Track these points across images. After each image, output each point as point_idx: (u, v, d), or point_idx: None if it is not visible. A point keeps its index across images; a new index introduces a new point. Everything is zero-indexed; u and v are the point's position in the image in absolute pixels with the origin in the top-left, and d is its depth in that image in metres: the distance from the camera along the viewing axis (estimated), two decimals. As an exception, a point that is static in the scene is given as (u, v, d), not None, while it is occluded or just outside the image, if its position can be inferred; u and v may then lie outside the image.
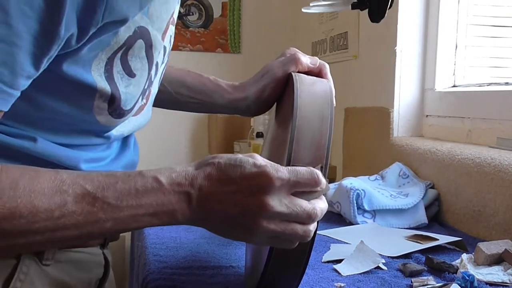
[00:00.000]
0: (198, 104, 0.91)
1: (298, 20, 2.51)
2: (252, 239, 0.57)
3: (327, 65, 0.78)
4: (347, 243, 1.01)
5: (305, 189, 0.57)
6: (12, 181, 0.51)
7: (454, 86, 1.47)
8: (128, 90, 0.63)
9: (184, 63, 2.46)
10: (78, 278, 0.71)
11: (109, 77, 0.60)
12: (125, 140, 0.76)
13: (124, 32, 0.58)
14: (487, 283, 0.79)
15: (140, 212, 0.54)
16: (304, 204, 0.56)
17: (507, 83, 1.30)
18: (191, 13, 2.55)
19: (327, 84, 0.70)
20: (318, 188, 0.57)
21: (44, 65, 0.53)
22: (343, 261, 0.87)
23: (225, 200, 0.55)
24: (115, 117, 0.65)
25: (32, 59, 0.51)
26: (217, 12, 2.57)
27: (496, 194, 1.05)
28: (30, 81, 0.53)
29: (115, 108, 0.63)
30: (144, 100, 0.74)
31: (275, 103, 0.84)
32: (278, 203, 0.55)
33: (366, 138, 1.69)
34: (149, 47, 0.63)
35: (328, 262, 0.89)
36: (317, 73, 0.77)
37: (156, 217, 0.55)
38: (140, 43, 0.61)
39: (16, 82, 0.51)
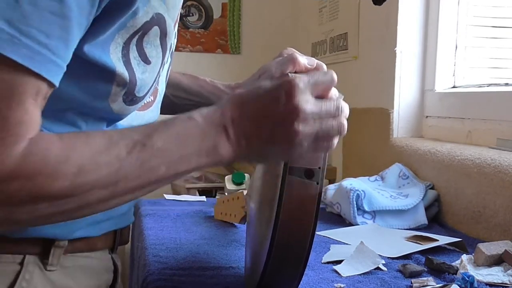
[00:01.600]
0: (195, 106, 0.89)
1: (298, 21, 2.51)
2: (294, 150, 0.56)
3: (324, 66, 0.78)
4: (347, 244, 1.01)
5: (325, 87, 0.58)
6: (71, 143, 0.51)
7: (454, 87, 1.47)
8: (143, 77, 0.64)
9: (184, 64, 2.46)
10: (86, 284, 0.70)
11: (127, 62, 0.61)
12: None
13: (142, 16, 0.59)
14: (487, 283, 0.79)
15: (187, 152, 0.55)
16: (329, 100, 0.57)
17: (507, 84, 1.30)
18: (191, 14, 2.55)
19: None
20: (335, 91, 0.59)
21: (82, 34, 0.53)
22: (343, 262, 0.87)
23: (259, 118, 0.55)
24: (128, 104, 0.65)
25: (81, 30, 0.52)
26: (217, 13, 2.58)
27: (496, 195, 1.05)
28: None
29: (129, 93, 0.63)
30: (152, 97, 0.74)
31: None
32: (308, 103, 0.55)
33: (366, 139, 1.69)
34: (163, 36, 0.64)
35: (328, 263, 0.89)
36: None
37: (202, 155, 0.55)
38: (155, 30, 0.62)
39: (68, 55, 0.51)
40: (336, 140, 0.58)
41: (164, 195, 1.48)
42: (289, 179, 0.60)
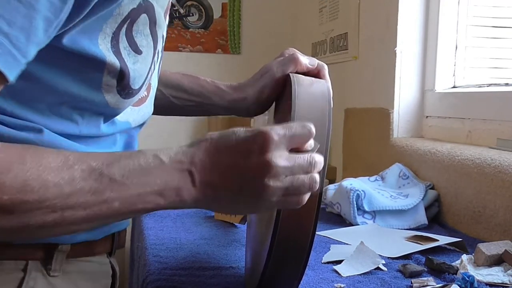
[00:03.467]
0: (196, 107, 0.90)
1: (298, 21, 2.51)
2: (262, 205, 0.55)
3: (325, 66, 0.78)
4: (347, 244, 1.01)
5: (301, 140, 0.56)
6: (18, 154, 0.48)
7: (454, 87, 1.47)
8: (136, 67, 0.62)
9: (184, 64, 2.46)
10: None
11: (117, 52, 0.59)
12: (128, 140, 0.75)
13: (128, 4, 0.58)
14: (487, 284, 0.79)
15: (146, 190, 0.52)
16: (302, 155, 0.55)
17: (507, 84, 1.30)
18: (191, 14, 2.55)
19: (325, 85, 0.69)
20: (311, 142, 0.57)
21: (52, 32, 0.51)
22: (343, 262, 0.87)
23: (228, 170, 0.53)
24: (124, 97, 0.64)
25: (46, 24, 0.49)
26: (217, 13, 2.58)
27: (496, 195, 1.05)
28: (37, 51, 0.51)
29: (124, 86, 0.62)
30: (145, 92, 0.74)
31: (274, 103, 0.84)
32: (281, 159, 0.53)
33: (366, 139, 1.69)
34: (153, 24, 0.63)
35: (328, 263, 0.89)
36: (316, 74, 0.77)
37: (162, 196, 0.53)
38: (144, 18, 0.61)
39: (28, 49, 0.49)
40: (306, 196, 0.56)
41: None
42: None
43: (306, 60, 0.76)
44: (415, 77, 1.52)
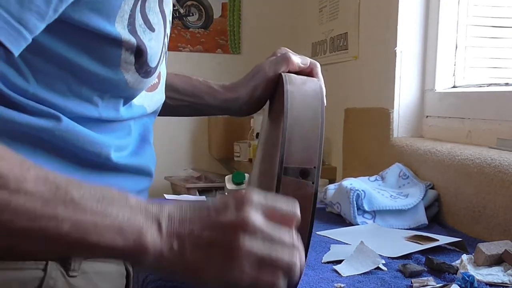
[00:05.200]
0: (189, 107, 0.90)
1: (298, 21, 2.51)
2: (231, 273, 0.48)
3: (318, 64, 0.78)
4: (347, 243, 1.01)
5: (283, 216, 0.51)
6: None
7: (454, 86, 1.47)
8: (151, 44, 0.63)
9: (184, 64, 2.47)
10: None
11: (132, 30, 0.60)
12: (144, 133, 0.75)
13: None
14: (487, 283, 0.79)
15: (104, 221, 0.46)
16: (285, 228, 0.50)
17: (507, 84, 1.30)
18: (191, 14, 2.55)
19: (317, 84, 0.69)
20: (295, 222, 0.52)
21: (59, 6, 0.51)
22: (343, 261, 0.87)
23: (200, 222, 0.48)
24: (143, 76, 0.64)
25: (48, 4, 0.49)
26: (217, 13, 2.58)
27: (496, 194, 1.05)
28: (45, 25, 0.50)
29: (142, 63, 0.63)
30: (156, 79, 0.74)
31: (268, 102, 0.83)
32: (259, 217, 0.49)
33: (366, 138, 1.69)
34: (161, 1, 0.64)
35: (328, 262, 0.89)
36: (308, 72, 0.77)
37: (121, 235, 0.47)
38: None
39: (25, 16, 0.47)
40: (282, 278, 0.49)
41: (164, 195, 1.48)
42: (284, 179, 0.60)
43: (298, 59, 0.77)
44: (415, 77, 1.52)
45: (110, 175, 0.65)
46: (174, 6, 2.50)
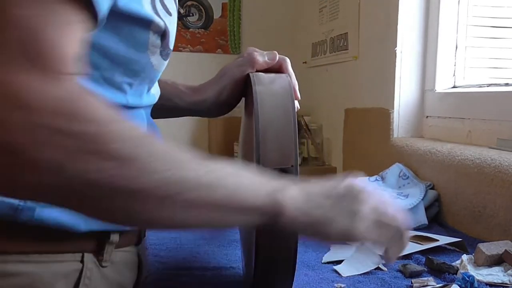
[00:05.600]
0: (160, 109, 0.88)
1: (298, 21, 2.51)
2: (355, 228, 0.54)
3: (287, 59, 0.77)
4: (347, 243, 1.01)
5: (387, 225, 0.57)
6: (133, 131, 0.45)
7: (454, 87, 1.47)
8: (171, 28, 0.64)
9: (184, 64, 2.47)
10: (128, 277, 0.71)
11: (156, 13, 0.61)
12: (150, 121, 0.76)
13: None
14: (487, 283, 0.79)
15: (254, 183, 0.50)
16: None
17: (507, 84, 1.30)
18: (191, 14, 2.55)
19: (286, 80, 0.69)
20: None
21: None
22: (343, 262, 0.87)
23: (327, 192, 0.54)
24: (164, 58, 0.66)
25: None
26: (217, 13, 2.58)
27: (496, 195, 1.05)
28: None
29: (165, 45, 0.64)
30: None
31: (245, 102, 0.83)
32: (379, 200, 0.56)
33: (366, 139, 1.69)
34: None
35: (328, 263, 0.89)
36: (277, 68, 0.76)
37: (266, 196, 0.50)
38: None
39: None
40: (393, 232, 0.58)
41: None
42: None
43: (264, 57, 0.76)
44: (415, 77, 1.52)
45: None
46: (174, 6, 2.50)
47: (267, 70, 0.75)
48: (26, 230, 0.55)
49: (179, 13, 2.52)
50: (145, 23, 0.60)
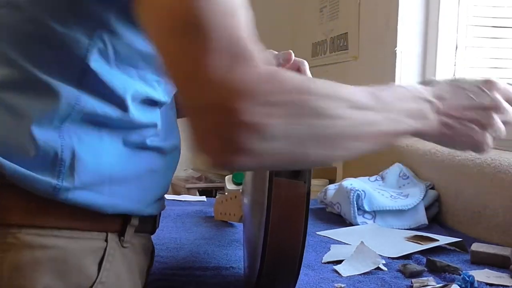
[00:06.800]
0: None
1: (298, 21, 2.51)
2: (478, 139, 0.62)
3: (305, 63, 0.78)
4: (347, 244, 1.01)
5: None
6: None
7: (454, 87, 1.47)
8: None
9: (184, 64, 2.47)
10: (145, 261, 0.74)
11: None
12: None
13: None
14: (487, 284, 0.79)
15: (407, 111, 0.57)
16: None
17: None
18: (191, 14, 2.55)
19: None
20: None
21: None
22: (343, 262, 0.87)
23: (461, 104, 0.61)
24: None
25: None
26: (217, 13, 2.58)
27: (496, 195, 1.05)
28: None
29: None
30: None
31: None
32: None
33: (366, 139, 1.69)
34: None
35: (328, 262, 0.89)
36: (295, 70, 0.77)
37: (415, 119, 0.58)
38: None
39: None
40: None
41: (164, 195, 1.48)
42: (276, 181, 0.60)
43: (277, 60, 0.76)
44: (415, 77, 1.52)
45: (146, 154, 0.67)
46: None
47: None
48: (61, 207, 0.59)
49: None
50: None
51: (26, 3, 0.58)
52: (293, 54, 0.77)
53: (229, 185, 1.50)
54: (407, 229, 1.14)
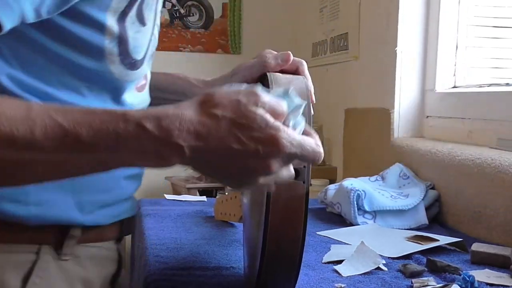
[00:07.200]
0: (171, 104, 0.92)
1: (299, 21, 2.51)
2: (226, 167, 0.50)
3: (304, 63, 0.77)
4: (347, 244, 1.01)
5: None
6: None
7: (454, 87, 1.47)
8: (136, 36, 0.65)
9: (184, 64, 2.47)
10: (96, 273, 0.72)
11: (122, 18, 0.62)
12: None
13: None
14: (487, 284, 0.79)
15: (119, 158, 0.48)
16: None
17: (507, 84, 1.29)
18: (191, 14, 2.55)
19: (303, 81, 0.69)
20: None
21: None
22: (344, 262, 0.87)
23: (211, 132, 0.48)
24: (127, 67, 0.66)
25: None
26: (217, 13, 2.58)
27: (496, 195, 1.05)
28: (33, 7, 0.52)
29: (126, 54, 0.64)
30: (144, 80, 0.77)
31: None
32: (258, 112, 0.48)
33: (366, 139, 1.69)
34: (157, 0, 0.67)
35: (328, 263, 0.89)
36: (294, 70, 0.76)
37: (137, 161, 0.49)
38: None
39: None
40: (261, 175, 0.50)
41: (165, 195, 1.48)
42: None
43: (276, 60, 0.75)
44: (416, 77, 1.52)
45: None
46: (174, 6, 2.51)
47: (283, 72, 0.74)
48: None
49: (179, 13, 2.52)
50: (98, 27, 0.60)
51: None
52: (291, 55, 0.76)
53: (229, 185, 1.49)
54: (407, 229, 1.14)
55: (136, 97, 0.74)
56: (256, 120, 0.47)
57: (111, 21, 0.61)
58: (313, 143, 0.51)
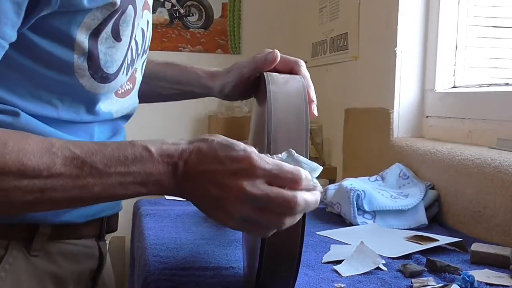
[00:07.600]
0: (178, 94, 0.95)
1: (298, 21, 2.51)
2: (228, 222, 0.56)
3: (300, 62, 0.77)
4: (347, 244, 1.01)
5: (284, 185, 0.54)
6: (0, 140, 0.52)
7: (454, 87, 1.47)
8: (109, 52, 0.65)
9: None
10: (69, 269, 0.72)
11: (95, 34, 0.62)
12: (114, 131, 0.77)
13: None
14: (487, 284, 0.79)
15: (128, 180, 0.55)
16: (283, 191, 0.54)
17: (507, 84, 1.30)
18: (191, 14, 2.55)
19: (300, 81, 0.68)
20: (302, 187, 0.55)
21: (30, 15, 0.55)
22: (343, 262, 0.87)
23: (207, 177, 0.55)
24: (99, 81, 0.66)
25: (15, 6, 0.53)
26: (217, 13, 2.58)
27: (496, 195, 1.05)
28: (16, 31, 0.55)
29: (96, 69, 0.64)
30: (131, 85, 0.77)
31: (256, 101, 0.83)
32: (254, 187, 0.53)
33: (366, 139, 1.69)
34: (135, 16, 0.67)
35: (328, 263, 0.89)
36: (289, 70, 0.76)
37: (143, 186, 0.56)
38: (130, 9, 0.65)
39: (1, 30, 0.53)
40: (270, 232, 0.56)
41: (164, 195, 1.48)
42: None
43: (264, 60, 0.75)
44: (415, 77, 1.52)
45: None
46: (174, 6, 2.51)
47: (281, 72, 0.74)
48: None
49: (179, 13, 2.52)
50: (67, 42, 0.61)
51: None
52: (279, 54, 0.75)
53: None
54: (407, 229, 1.14)
55: (115, 104, 0.74)
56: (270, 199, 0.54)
57: (81, 37, 0.61)
58: (317, 201, 0.56)
